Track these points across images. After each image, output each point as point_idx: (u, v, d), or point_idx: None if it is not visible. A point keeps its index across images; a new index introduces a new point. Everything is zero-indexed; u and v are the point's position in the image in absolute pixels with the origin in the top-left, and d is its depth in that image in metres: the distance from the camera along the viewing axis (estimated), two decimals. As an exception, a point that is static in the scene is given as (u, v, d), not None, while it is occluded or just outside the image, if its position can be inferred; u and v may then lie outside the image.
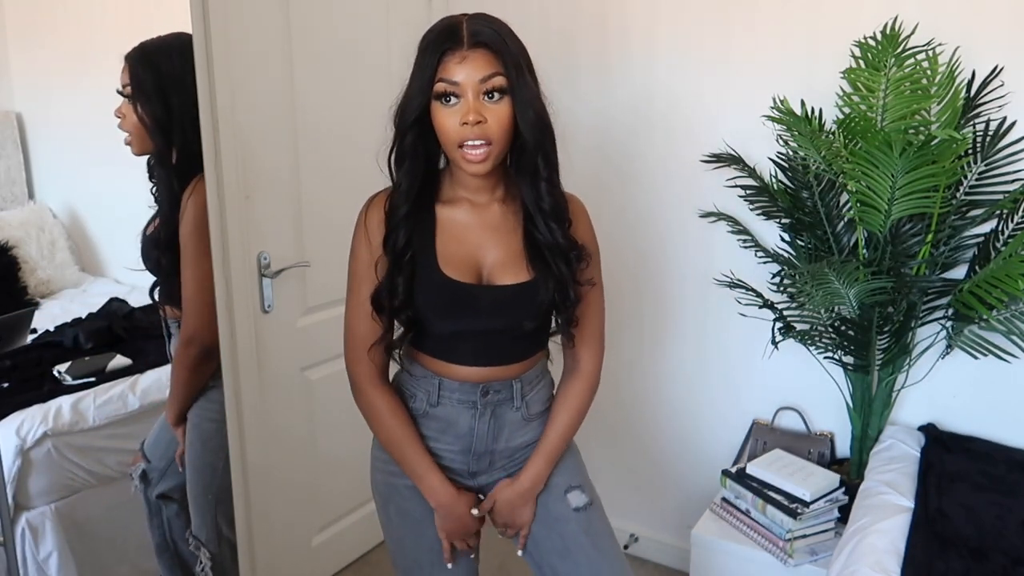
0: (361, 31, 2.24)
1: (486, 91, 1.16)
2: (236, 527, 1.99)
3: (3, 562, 1.72)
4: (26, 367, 2.06)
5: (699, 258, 2.27)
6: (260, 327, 2.02)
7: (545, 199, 1.23)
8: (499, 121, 1.16)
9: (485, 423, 1.33)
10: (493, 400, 1.32)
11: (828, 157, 1.82)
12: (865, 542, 1.54)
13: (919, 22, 1.82)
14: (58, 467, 1.99)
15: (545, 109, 1.21)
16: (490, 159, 1.18)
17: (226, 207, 1.83)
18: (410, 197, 1.24)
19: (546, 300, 1.25)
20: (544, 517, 1.38)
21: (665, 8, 2.19)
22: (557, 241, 1.24)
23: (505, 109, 1.17)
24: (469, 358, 1.30)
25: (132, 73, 1.65)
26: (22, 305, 2.14)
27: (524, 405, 1.35)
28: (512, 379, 1.32)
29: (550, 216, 1.24)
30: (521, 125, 1.18)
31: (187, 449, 1.83)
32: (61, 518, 2.00)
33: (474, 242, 1.27)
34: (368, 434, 1.46)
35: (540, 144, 1.20)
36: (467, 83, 1.15)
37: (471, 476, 1.38)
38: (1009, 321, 1.77)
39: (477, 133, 1.16)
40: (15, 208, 2.15)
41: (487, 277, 1.27)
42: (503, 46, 1.16)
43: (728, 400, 2.32)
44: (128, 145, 1.69)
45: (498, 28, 1.18)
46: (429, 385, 1.32)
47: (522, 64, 1.18)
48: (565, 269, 1.25)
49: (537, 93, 1.19)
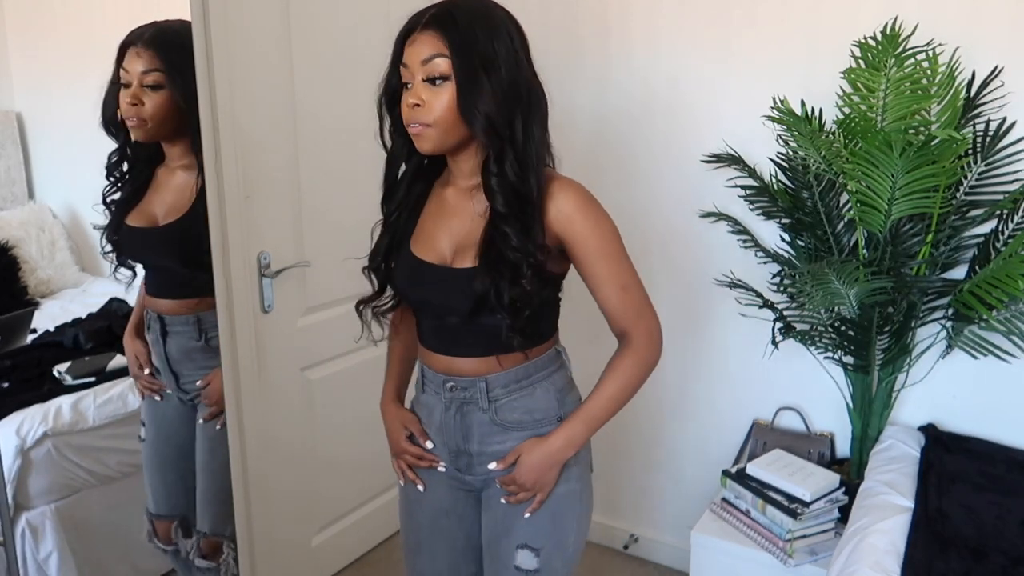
0: (361, 31, 2.24)
1: (427, 72, 1.14)
2: (236, 527, 1.99)
3: (3, 562, 1.72)
4: (26, 367, 2.06)
5: (699, 258, 2.27)
6: (260, 327, 2.02)
7: (496, 197, 1.17)
8: (439, 106, 1.14)
9: (451, 418, 1.31)
10: (458, 396, 1.29)
11: (828, 157, 1.83)
12: (865, 542, 1.54)
13: (919, 22, 1.82)
14: (58, 467, 1.98)
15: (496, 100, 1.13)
16: (428, 140, 1.17)
17: (226, 207, 1.83)
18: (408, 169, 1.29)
19: (480, 294, 1.18)
20: (493, 551, 1.34)
21: (665, 8, 2.19)
22: (509, 245, 1.16)
23: (448, 93, 1.13)
24: (434, 342, 1.31)
25: (163, 57, 1.63)
26: (22, 305, 2.13)
27: (493, 409, 1.28)
28: (476, 377, 1.28)
29: (504, 217, 1.17)
30: (462, 117, 1.14)
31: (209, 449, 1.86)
32: (61, 518, 1.99)
33: (444, 222, 1.27)
34: (368, 434, 1.46)
35: (487, 138, 1.15)
36: (413, 64, 1.15)
37: (464, 472, 1.35)
38: (1009, 321, 1.77)
39: (414, 116, 1.16)
40: (15, 208, 2.14)
41: (450, 259, 1.25)
42: (454, 30, 1.12)
43: (728, 400, 2.32)
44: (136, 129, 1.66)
45: (457, 10, 1.14)
46: (420, 372, 1.38)
47: (476, 51, 1.12)
48: (510, 274, 1.16)
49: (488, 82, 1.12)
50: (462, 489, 1.38)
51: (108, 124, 1.72)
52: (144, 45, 1.64)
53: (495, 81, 1.14)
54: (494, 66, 1.14)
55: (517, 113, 1.16)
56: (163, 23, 1.68)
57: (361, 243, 2.35)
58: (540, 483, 1.28)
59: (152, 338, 1.81)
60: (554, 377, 1.32)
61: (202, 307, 1.80)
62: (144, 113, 1.65)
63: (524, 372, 1.29)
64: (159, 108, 1.65)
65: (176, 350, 1.81)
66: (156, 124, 1.67)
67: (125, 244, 1.76)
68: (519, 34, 1.20)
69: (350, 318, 2.34)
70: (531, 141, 1.18)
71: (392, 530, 2.68)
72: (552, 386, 1.31)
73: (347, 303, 2.33)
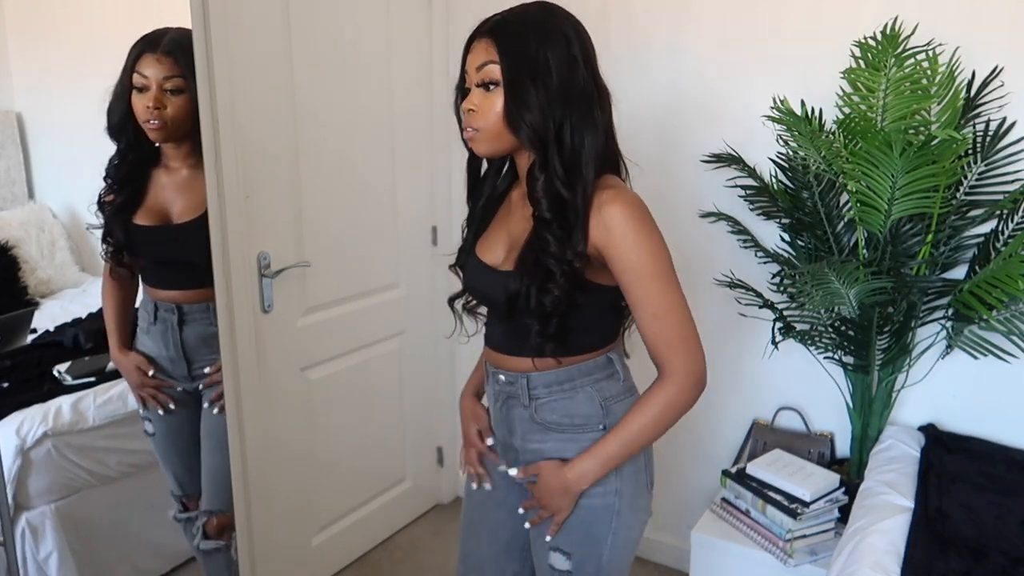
0: (361, 31, 2.24)
1: (479, 79, 1.17)
2: (236, 527, 1.99)
3: (3, 562, 1.72)
4: (26, 367, 2.06)
5: (699, 258, 2.27)
6: (260, 327, 2.02)
7: (540, 203, 1.17)
8: (490, 111, 1.17)
9: (499, 411, 1.35)
10: (504, 390, 1.33)
11: (828, 157, 1.82)
12: (865, 542, 1.54)
13: (919, 22, 1.82)
14: (58, 467, 1.98)
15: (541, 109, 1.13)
16: (478, 142, 1.21)
17: (226, 207, 1.83)
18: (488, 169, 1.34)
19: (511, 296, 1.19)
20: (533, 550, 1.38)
21: (664, 9, 2.19)
22: (548, 252, 1.16)
23: (498, 99, 1.16)
24: (488, 335, 1.36)
25: (185, 64, 1.71)
26: (22, 305, 2.14)
27: (533, 407, 1.28)
28: (519, 373, 1.29)
29: (545, 223, 1.17)
30: (506, 122, 1.16)
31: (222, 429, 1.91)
32: (61, 518, 2.00)
33: (503, 226, 1.31)
34: (368, 434, 1.46)
35: (532, 145, 1.17)
36: (470, 70, 1.19)
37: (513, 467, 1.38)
38: (1009, 321, 1.77)
39: (466, 121, 1.20)
40: (15, 208, 2.15)
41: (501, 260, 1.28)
42: (504, 37, 1.15)
43: (728, 400, 2.32)
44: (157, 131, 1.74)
45: (514, 17, 1.17)
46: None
47: (525, 57, 1.13)
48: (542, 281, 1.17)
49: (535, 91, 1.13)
50: (516, 484, 1.39)
51: (114, 129, 1.77)
52: (163, 52, 1.71)
53: (543, 88, 1.14)
54: (543, 73, 1.13)
55: (567, 119, 1.15)
56: (175, 30, 1.75)
57: (361, 243, 2.36)
58: (555, 507, 1.28)
59: (162, 329, 1.84)
60: (601, 384, 1.28)
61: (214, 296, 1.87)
62: (166, 116, 1.73)
63: (566, 375, 1.27)
64: (180, 111, 1.74)
65: (193, 337, 1.85)
66: (176, 126, 1.75)
67: (137, 243, 1.80)
68: (579, 39, 1.19)
69: (350, 318, 2.36)
70: (581, 148, 1.16)
71: (392, 530, 2.68)
72: (597, 393, 1.27)
73: (347, 303, 2.34)
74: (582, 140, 1.16)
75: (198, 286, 1.83)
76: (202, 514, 1.95)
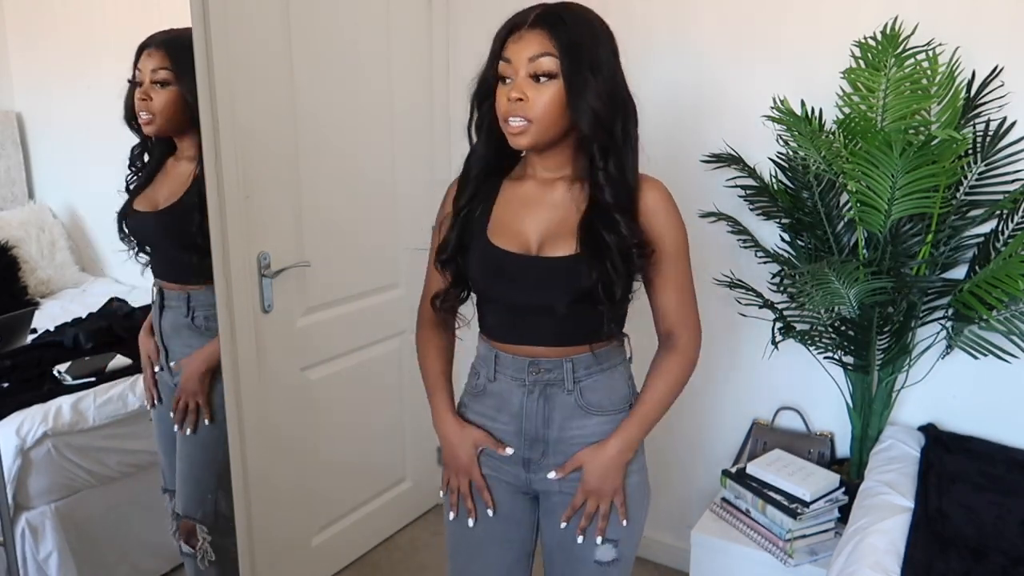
0: (361, 31, 2.24)
1: (532, 70, 1.18)
2: (236, 527, 1.99)
3: (3, 562, 1.72)
4: (26, 367, 2.06)
5: (699, 258, 2.26)
6: (260, 327, 2.02)
7: (604, 189, 1.22)
8: (542, 102, 1.18)
9: (534, 402, 1.31)
10: (543, 379, 1.30)
11: (828, 157, 1.82)
12: (865, 542, 1.54)
13: (919, 22, 1.82)
14: (58, 467, 1.98)
15: (604, 101, 1.18)
16: (528, 135, 1.20)
17: (226, 207, 1.83)
18: (478, 165, 1.31)
19: (585, 283, 1.22)
20: (568, 553, 1.36)
21: (664, 8, 2.19)
22: (617, 233, 1.21)
23: (552, 91, 1.18)
24: (514, 335, 1.32)
25: (172, 56, 1.73)
26: (22, 305, 2.14)
27: (578, 390, 1.30)
28: (563, 358, 1.29)
29: (612, 207, 1.22)
30: (571, 112, 1.19)
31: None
32: (61, 518, 2.00)
33: (527, 214, 1.29)
34: (368, 434, 1.46)
35: (595, 134, 1.20)
36: (518, 61, 1.19)
37: (525, 467, 1.35)
38: (1009, 321, 1.77)
39: (517, 110, 1.19)
40: (15, 208, 2.15)
41: (537, 249, 1.27)
42: (560, 29, 1.17)
43: (728, 400, 2.32)
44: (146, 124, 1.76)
45: (569, 13, 1.19)
46: (488, 361, 1.35)
47: (582, 50, 1.17)
48: (620, 263, 1.21)
49: (599, 84, 1.18)
50: (521, 492, 1.38)
51: (128, 120, 1.82)
52: (156, 46, 1.73)
53: (600, 83, 1.18)
54: (599, 70, 1.19)
55: (619, 115, 1.22)
56: (177, 29, 1.77)
57: (361, 243, 2.36)
58: (609, 489, 1.31)
59: (153, 311, 1.86)
60: (626, 363, 1.38)
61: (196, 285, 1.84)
62: (152, 108, 1.74)
63: (605, 355, 1.32)
64: (166, 104, 1.74)
65: (168, 325, 1.84)
66: (163, 119, 1.75)
67: (132, 227, 1.84)
68: (614, 44, 1.25)
69: (350, 318, 2.36)
70: (629, 141, 1.25)
71: (392, 530, 2.68)
72: (626, 371, 1.37)
73: (347, 303, 2.35)
74: (630, 134, 1.25)
75: (175, 273, 1.83)
76: (174, 515, 1.94)
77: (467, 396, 1.42)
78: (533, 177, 1.31)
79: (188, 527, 1.92)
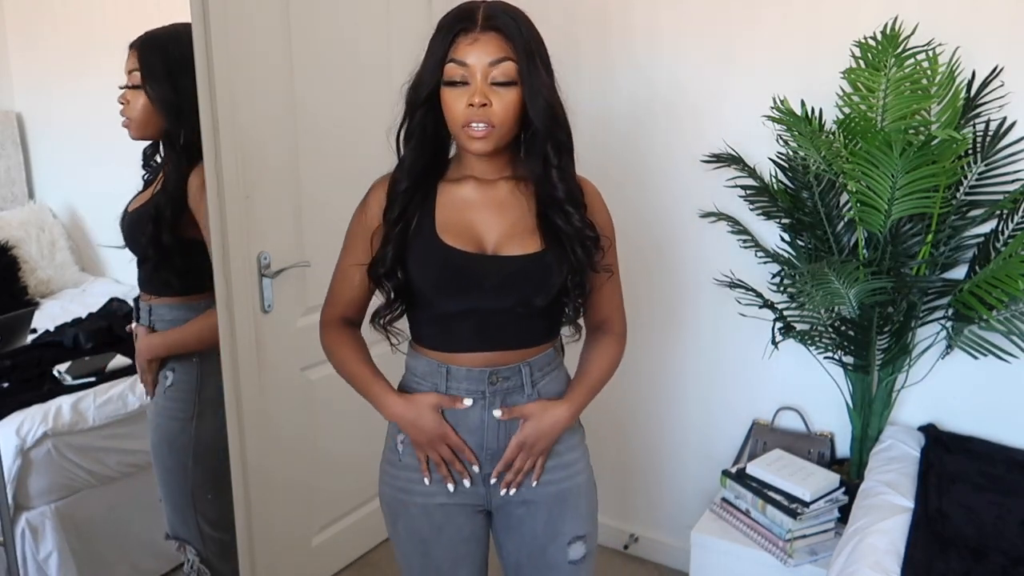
0: (361, 31, 2.24)
1: (494, 75, 1.17)
2: (236, 527, 1.99)
3: (3, 562, 1.72)
4: (26, 367, 2.06)
5: (699, 258, 2.27)
6: (260, 327, 2.02)
7: (558, 186, 1.23)
8: (504, 106, 1.18)
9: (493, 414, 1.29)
10: (502, 388, 1.28)
11: (828, 157, 1.82)
12: (865, 542, 1.54)
13: (919, 22, 1.82)
14: (58, 467, 1.98)
15: (558, 98, 1.21)
16: (491, 139, 1.19)
17: (226, 207, 1.83)
18: (413, 173, 1.25)
19: (557, 278, 1.23)
20: (539, 561, 1.36)
21: (665, 8, 2.19)
22: (574, 226, 1.24)
23: (512, 95, 1.18)
24: (475, 341, 1.26)
25: (142, 58, 1.67)
26: (22, 305, 2.13)
27: (536, 393, 1.30)
28: (520, 363, 1.28)
29: (565, 202, 1.24)
30: (531, 113, 1.19)
31: (155, 451, 1.86)
32: (61, 518, 1.99)
33: (476, 214, 1.26)
34: (368, 434, 1.46)
35: (550, 132, 1.21)
36: (477, 65, 1.17)
37: (485, 483, 1.32)
38: (1009, 321, 1.77)
39: (481, 116, 1.17)
40: (15, 208, 2.14)
41: (493, 248, 1.25)
42: (516, 32, 1.17)
43: (728, 400, 2.32)
44: (126, 128, 1.71)
45: (514, 14, 1.20)
46: (436, 377, 1.29)
47: (534, 52, 1.18)
48: (582, 254, 1.24)
49: (550, 82, 1.20)
50: (478, 511, 1.37)
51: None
52: (133, 48, 1.69)
53: (549, 78, 1.21)
54: (549, 70, 1.22)
55: (561, 109, 1.23)
56: (157, 28, 1.72)
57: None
58: (541, 447, 1.30)
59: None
60: (562, 363, 1.39)
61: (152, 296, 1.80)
62: (127, 111, 1.70)
63: (550, 355, 1.34)
64: (138, 108, 1.69)
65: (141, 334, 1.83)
66: (137, 123, 1.70)
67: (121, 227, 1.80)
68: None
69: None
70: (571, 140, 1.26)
71: (392, 530, 2.68)
72: (565, 368, 1.39)
73: (347, 303, 2.34)
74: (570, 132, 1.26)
75: (140, 282, 1.80)
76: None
77: None
78: (473, 178, 1.28)
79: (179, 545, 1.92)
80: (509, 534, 1.37)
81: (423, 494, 1.33)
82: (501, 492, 1.32)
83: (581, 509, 1.36)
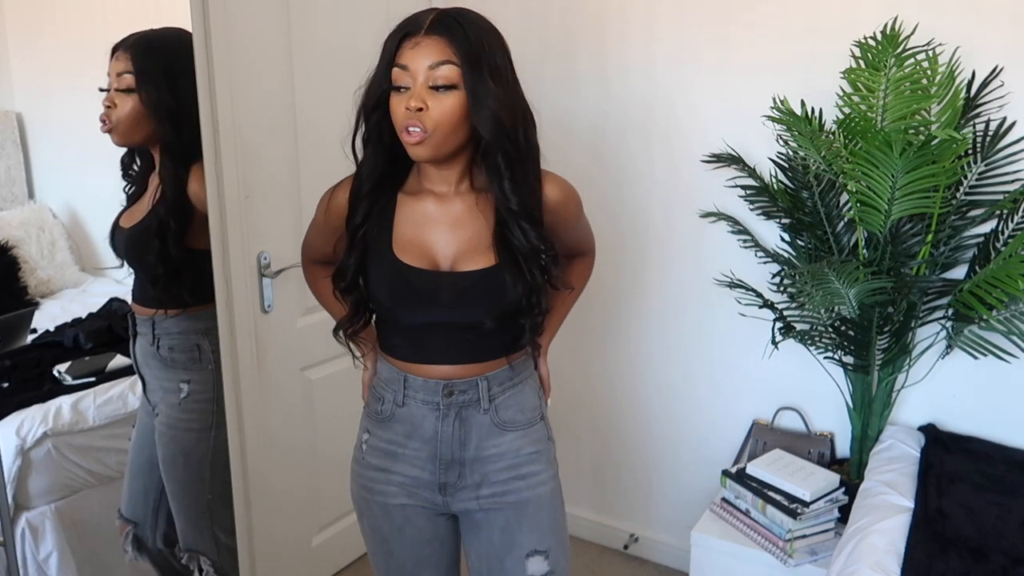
0: (361, 32, 2.24)
1: (434, 79, 1.13)
2: (236, 528, 1.99)
3: (3, 562, 1.72)
4: (26, 367, 2.06)
5: (699, 258, 2.27)
6: (260, 327, 2.02)
7: (510, 199, 1.19)
8: (442, 111, 1.13)
9: (450, 426, 1.28)
10: (457, 401, 1.27)
11: (828, 157, 1.82)
12: (865, 542, 1.54)
13: (919, 22, 1.82)
14: (58, 467, 1.98)
15: (509, 107, 1.16)
16: (427, 145, 1.15)
17: (226, 207, 1.83)
18: (372, 180, 1.24)
19: (512, 295, 1.20)
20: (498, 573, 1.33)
21: (665, 8, 2.19)
22: (530, 242, 1.20)
23: (452, 101, 1.13)
24: (434, 354, 1.27)
25: (136, 60, 1.61)
26: (22, 305, 2.14)
27: (493, 408, 1.28)
28: (477, 376, 1.27)
29: (519, 216, 1.20)
30: (474, 120, 1.15)
31: (169, 464, 1.80)
32: (61, 518, 1.99)
33: (432, 232, 1.24)
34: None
35: (498, 143, 1.16)
36: (416, 68, 1.14)
37: (441, 491, 1.31)
38: (1009, 321, 1.77)
39: (415, 120, 1.13)
40: (15, 208, 2.15)
41: (450, 265, 1.23)
42: (460, 37, 1.13)
43: (728, 400, 2.32)
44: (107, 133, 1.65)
45: (464, 20, 1.15)
46: (396, 384, 1.30)
47: (482, 59, 1.13)
48: (538, 273, 1.21)
49: (499, 91, 1.14)
50: (441, 515, 1.36)
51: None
52: (124, 49, 1.63)
53: (501, 91, 1.15)
54: (499, 77, 1.16)
55: (520, 123, 1.19)
56: (148, 30, 1.67)
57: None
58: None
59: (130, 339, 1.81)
60: (533, 374, 1.37)
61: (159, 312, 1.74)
62: (113, 116, 1.63)
63: (520, 366, 1.32)
64: (128, 112, 1.62)
65: (139, 352, 1.79)
66: (125, 128, 1.64)
67: (114, 243, 1.77)
68: (509, 51, 1.21)
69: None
70: (531, 149, 1.22)
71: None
72: (534, 382, 1.36)
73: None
74: (531, 142, 1.22)
75: (142, 297, 1.75)
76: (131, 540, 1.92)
77: (371, 423, 1.35)
78: (431, 192, 1.26)
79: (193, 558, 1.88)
80: (471, 541, 1.36)
81: (383, 494, 1.34)
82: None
83: (542, 522, 1.32)
